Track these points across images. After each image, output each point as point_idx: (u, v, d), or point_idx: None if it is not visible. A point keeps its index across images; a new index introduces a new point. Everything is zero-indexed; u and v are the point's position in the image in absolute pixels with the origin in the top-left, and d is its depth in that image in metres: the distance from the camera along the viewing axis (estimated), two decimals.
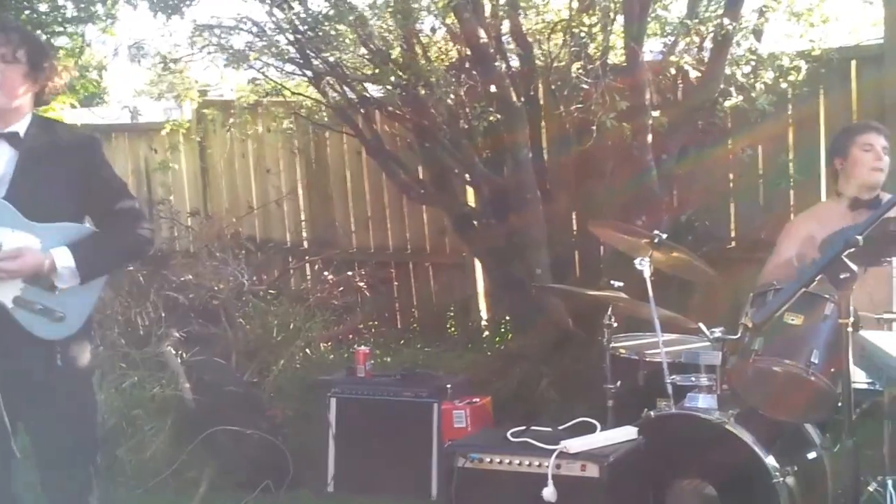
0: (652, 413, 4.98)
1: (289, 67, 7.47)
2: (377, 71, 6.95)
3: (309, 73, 7.30)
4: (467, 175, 7.20)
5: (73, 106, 10.66)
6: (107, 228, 4.47)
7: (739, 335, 4.79)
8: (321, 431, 6.41)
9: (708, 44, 6.59)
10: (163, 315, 7.40)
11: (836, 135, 5.87)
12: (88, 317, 4.43)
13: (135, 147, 10.36)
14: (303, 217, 9.53)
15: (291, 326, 7.80)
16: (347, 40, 6.87)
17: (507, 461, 4.70)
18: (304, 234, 9.55)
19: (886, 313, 4.60)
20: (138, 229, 4.53)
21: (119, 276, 4.63)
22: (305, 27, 6.82)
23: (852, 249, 3.10)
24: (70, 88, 9.71)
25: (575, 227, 7.40)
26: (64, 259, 4.25)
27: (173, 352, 6.99)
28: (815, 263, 3.32)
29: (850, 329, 3.25)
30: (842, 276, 3.15)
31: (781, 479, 4.55)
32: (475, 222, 7.42)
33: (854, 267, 3.12)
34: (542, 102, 7.25)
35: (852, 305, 3.37)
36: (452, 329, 8.52)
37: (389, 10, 6.57)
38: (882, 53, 6.63)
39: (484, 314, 8.47)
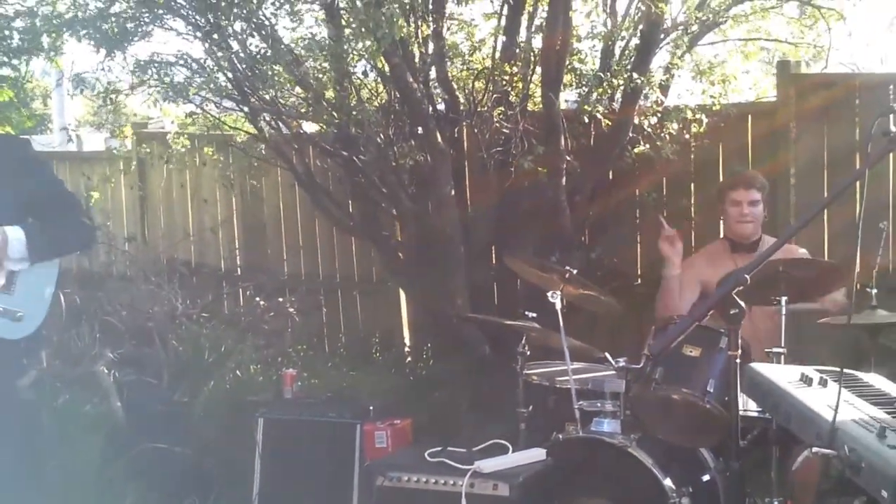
0: (560, 436, 5.08)
1: (227, 103, 7.44)
2: (311, 110, 6.98)
3: (246, 108, 7.27)
4: (394, 210, 7.24)
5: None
6: (50, 220, 4.47)
7: (642, 364, 4.89)
8: (249, 450, 6.38)
9: (619, 95, 6.76)
10: (97, 336, 7.37)
11: (718, 186, 6.14)
12: (45, 317, 4.43)
13: (75, 174, 10.29)
14: (237, 245, 9.54)
15: (223, 349, 7.78)
16: (283, 79, 6.86)
17: (424, 480, 4.78)
18: (238, 261, 9.56)
19: (775, 348, 4.73)
20: (81, 219, 4.60)
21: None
22: (243, 66, 6.78)
23: (741, 287, 3.23)
24: (6, 120, 9.64)
25: (494, 261, 7.48)
26: (15, 232, 4.28)
27: (106, 371, 6.96)
28: (708, 300, 3.45)
29: (738, 360, 3.37)
30: (731, 312, 3.27)
31: (678, 499, 4.66)
32: (400, 254, 7.47)
33: (742, 304, 3.25)
34: (465, 144, 7.30)
35: (742, 339, 3.51)
36: (377, 354, 8.53)
37: (323, 53, 6.58)
38: (775, 110, 6.85)
39: (407, 341, 8.51)
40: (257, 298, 8.52)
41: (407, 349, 8.43)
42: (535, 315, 5.52)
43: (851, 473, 2.88)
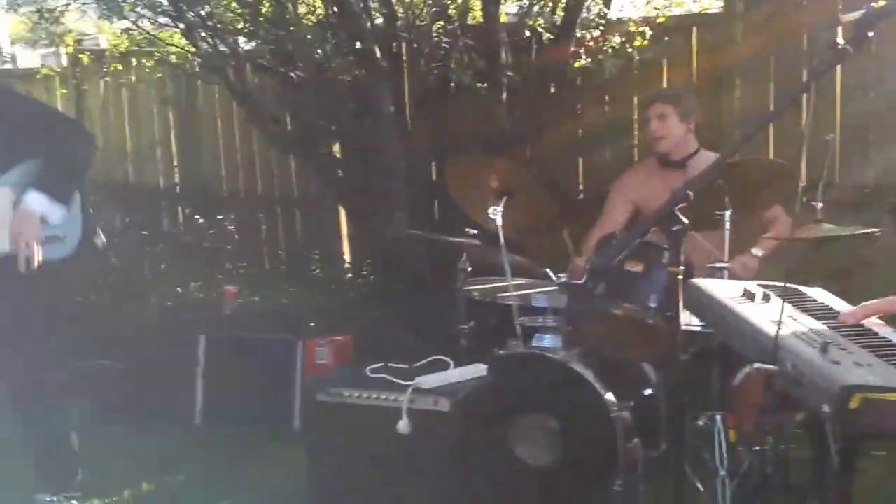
0: (501, 352, 5.03)
1: (162, 19, 7.28)
2: (248, 26, 6.84)
3: (182, 25, 7.11)
4: (332, 126, 7.12)
5: None
6: (51, 152, 4.55)
7: (583, 280, 4.83)
8: (190, 367, 6.35)
9: (560, 8, 6.67)
10: None
11: None
12: (81, 233, 4.66)
13: None
14: (175, 163, 9.38)
15: (163, 266, 7.71)
16: None
17: (365, 395, 4.71)
18: (177, 179, 9.40)
19: (718, 262, 4.67)
20: (75, 141, 4.69)
21: None
22: None
23: (683, 204, 3.15)
24: None
25: (434, 177, 7.39)
26: (41, 204, 4.46)
27: None
28: (651, 216, 3.38)
29: (680, 276, 3.30)
30: (674, 229, 3.20)
31: (619, 413, 4.62)
32: (339, 171, 7.36)
33: (685, 220, 3.17)
34: (404, 59, 7.17)
35: (685, 254, 3.45)
36: (317, 271, 8.47)
37: None
38: (720, 21, 6.75)
39: (347, 258, 8.43)
40: (196, 216, 8.41)
41: (347, 266, 8.35)
42: (476, 231, 5.42)
43: (793, 389, 2.84)
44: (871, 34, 2.96)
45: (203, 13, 6.83)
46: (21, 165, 4.56)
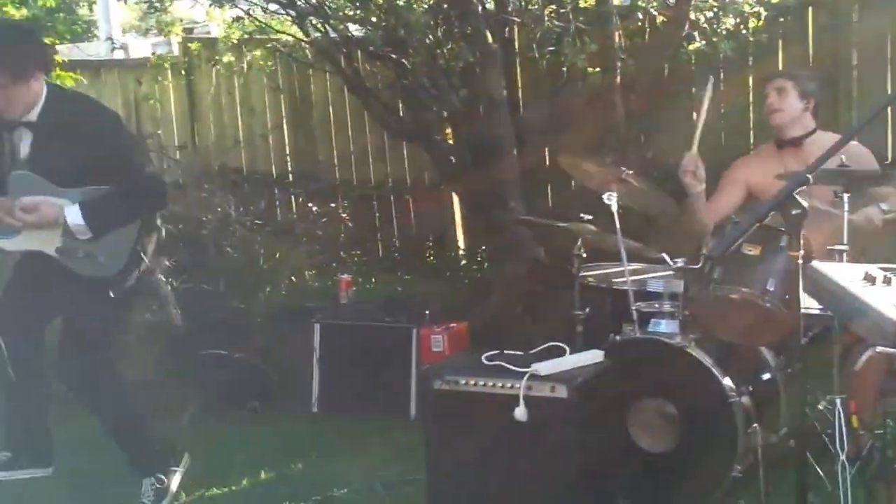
0: (618, 337, 5.08)
1: (273, 7, 7.45)
2: (359, 12, 6.95)
3: (293, 12, 7.25)
4: (445, 112, 7.16)
5: (53, 42, 10.62)
6: (120, 189, 4.74)
7: (700, 265, 4.85)
8: (306, 356, 6.47)
9: None
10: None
11: None
12: (128, 259, 4.84)
13: (123, 82, 10.29)
14: (287, 151, 9.55)
15: (277, 255, 7.84)
16: None
17: (482, 383, 4.75)
18: (289, 167, 9.56)
19: (838, 245, 4.67)
20: (147, 188, 4.89)
21: None
22: None
23: (803, 187, 3.19)
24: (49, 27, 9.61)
25: (547, 163, 7.43)
26: (74, 217, 4.66)
27: (163, 279, 7.04)
28: (770, 200, 3.41)
29: (800, 260, 3.34)
30: (793, 213, 3.24)
31: (738, 398, 4.66)
32: (452, 157, 7.43)
33: (805, 203, 3.21)
34: (515, 44, 7.23)
35: (804, 238, 3.49)
36: (431, 258, 8.54)
37: None
38: (836, 1, 6.70)
39: (461, 244, 8.50)
40: (310, 204, 8.54)
41: (461, 253, 8.41)
42: (590, 217, 5.47)
43: None
44: None
45: (314, 0, 6.94)
46: (88, 188, 4.75)
